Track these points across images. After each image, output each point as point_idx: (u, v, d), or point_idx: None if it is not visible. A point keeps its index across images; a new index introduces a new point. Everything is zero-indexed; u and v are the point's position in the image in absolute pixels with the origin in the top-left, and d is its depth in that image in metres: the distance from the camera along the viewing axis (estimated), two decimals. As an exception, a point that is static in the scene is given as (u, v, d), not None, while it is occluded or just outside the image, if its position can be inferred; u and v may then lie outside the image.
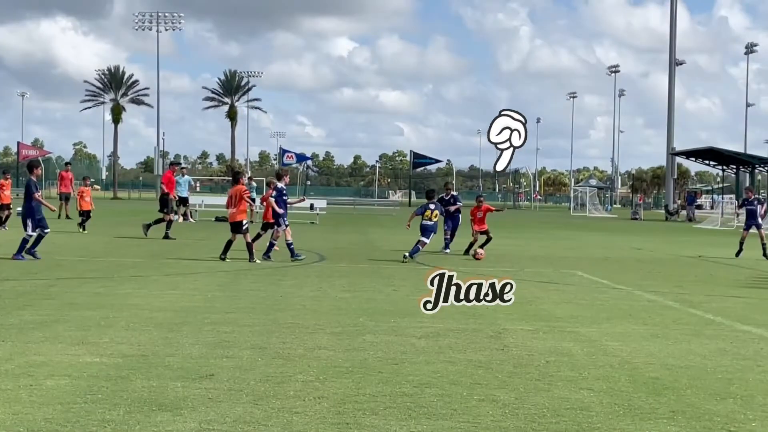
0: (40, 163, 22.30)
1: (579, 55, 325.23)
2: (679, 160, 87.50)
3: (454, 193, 25.46)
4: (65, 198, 39.66)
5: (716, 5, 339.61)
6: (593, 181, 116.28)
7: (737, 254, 25.28)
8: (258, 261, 19.53)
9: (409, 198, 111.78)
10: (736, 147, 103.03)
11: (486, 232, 23.62)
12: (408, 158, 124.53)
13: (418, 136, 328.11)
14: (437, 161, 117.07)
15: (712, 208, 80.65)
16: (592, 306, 13.56)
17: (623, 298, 14.69)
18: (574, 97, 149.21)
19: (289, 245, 20.55)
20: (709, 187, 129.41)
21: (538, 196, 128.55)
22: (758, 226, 25.52)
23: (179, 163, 47.07)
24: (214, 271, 17.50)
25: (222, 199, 33.78)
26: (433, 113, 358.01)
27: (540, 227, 48.22)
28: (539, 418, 6.67)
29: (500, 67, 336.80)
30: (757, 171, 74.66)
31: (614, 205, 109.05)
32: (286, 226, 20.79)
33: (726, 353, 9.66)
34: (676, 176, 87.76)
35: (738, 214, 51.70)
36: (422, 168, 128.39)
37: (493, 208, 26.35)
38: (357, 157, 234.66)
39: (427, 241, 21.28)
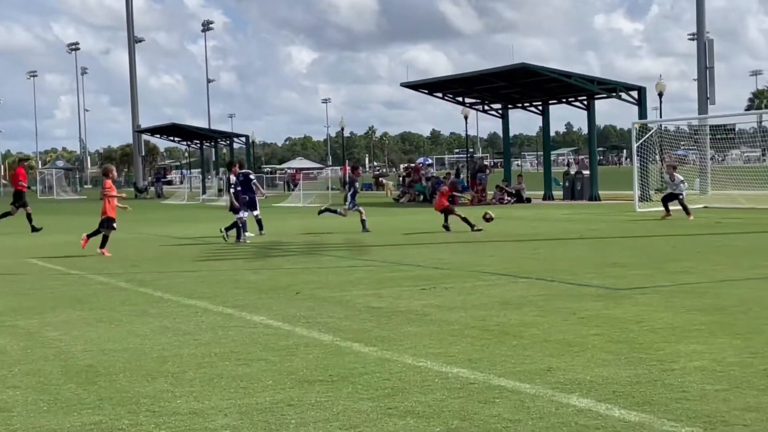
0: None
1: (36, 33, 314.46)
2: (147, 137, 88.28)
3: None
4: None
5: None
6: (60, 163, 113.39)
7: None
8: None
9: None
10: (201, 122, 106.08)
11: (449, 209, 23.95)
12: None
13: None
14: None
15: (182, 183, 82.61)
16: (40, 295, 13.03)
17: (75, 284, 14.33)
18: (34, 77, 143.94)
19: None
20: (178, 163, 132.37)
21: (3, 181, 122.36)
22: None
23: (28, 159, 44.57)
24: None
25: None
26: None
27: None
28: (-47, 429, 6.15)
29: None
30: (221, 145, 77.66)
31: (86, 186, 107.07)
32: None
33: (167, 330, 9.74)
34: (144, 153, 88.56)
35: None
36: None
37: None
38: None
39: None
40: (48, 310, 11.46)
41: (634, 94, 40.21)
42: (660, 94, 52.70)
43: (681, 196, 26.65)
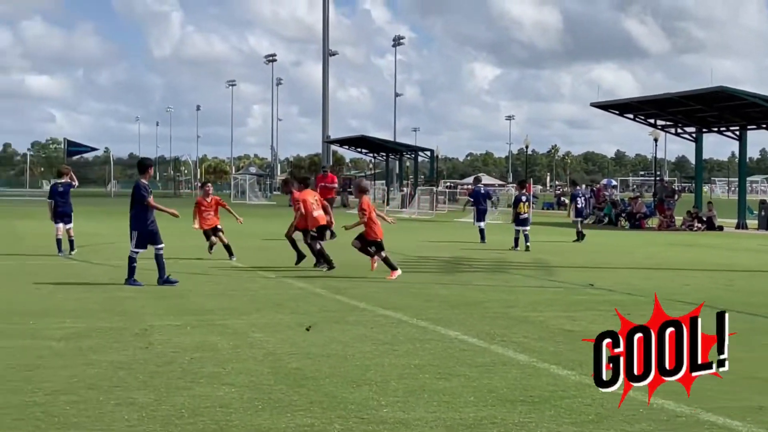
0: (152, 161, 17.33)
1: (232, 43, 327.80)
2: (335, 147, 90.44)
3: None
4: None
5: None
6: (253, 169, 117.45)
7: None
8: None
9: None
10: (385, 135, 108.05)
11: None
12: (62, 146, 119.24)
13: (72, 123, 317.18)
14: (94, 149, 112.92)
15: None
16: (243, 297, 13.59)
17: (274, 287, 14.87)
18: (233, 86, 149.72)
19: None
20: (363, 174, 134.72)
21: (199, 184, 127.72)
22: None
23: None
24: None
25: None
26: (86, 99, 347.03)
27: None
28: (176, 419, 6.54)
29: (153, 53, 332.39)
30: (405, 158, 78.67)
31: (274, 192, 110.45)
32: None
33: (366, 339, 10.01)
34: (331, 163, 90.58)
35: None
36: (78, 156, 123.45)
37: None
38: (7, 145, 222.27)
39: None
40: (253, 312, 11.98)
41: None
42: None
43: None
